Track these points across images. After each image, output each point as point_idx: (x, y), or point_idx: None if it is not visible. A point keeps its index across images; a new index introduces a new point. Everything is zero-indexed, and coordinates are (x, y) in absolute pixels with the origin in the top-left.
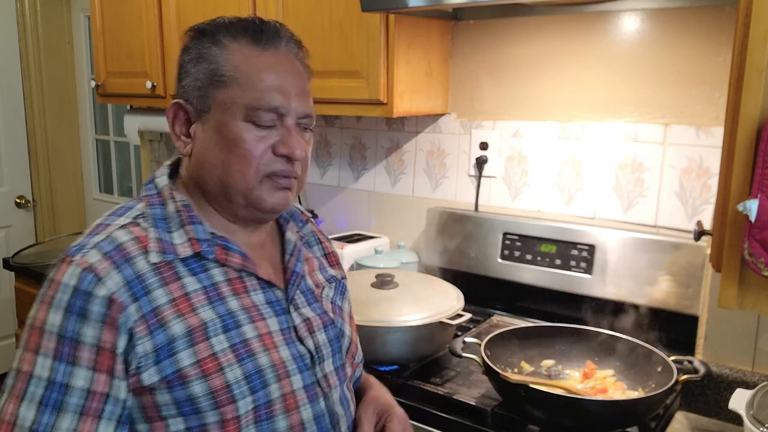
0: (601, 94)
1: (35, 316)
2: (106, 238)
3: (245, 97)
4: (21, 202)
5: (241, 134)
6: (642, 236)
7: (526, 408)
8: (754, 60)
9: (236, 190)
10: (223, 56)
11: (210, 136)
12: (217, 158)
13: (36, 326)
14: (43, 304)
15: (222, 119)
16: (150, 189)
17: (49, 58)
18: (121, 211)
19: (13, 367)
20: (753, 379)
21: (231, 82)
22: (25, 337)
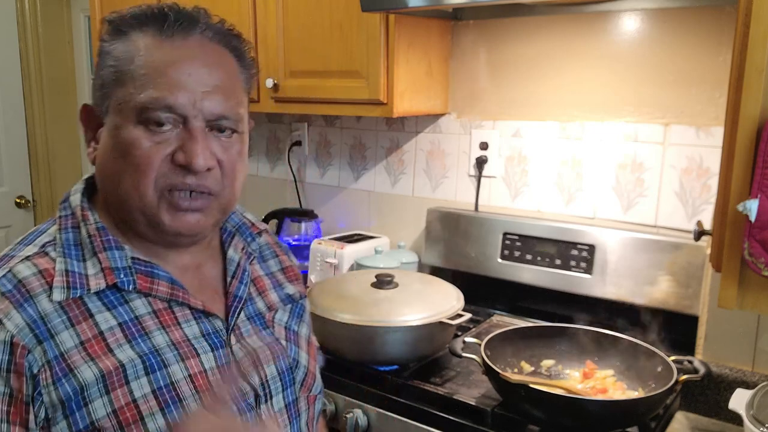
0: (601, 94)
1: None
2: (5, 274)
3: (138, 96)
4: (21, 202)
5: (133, 140)
6: (642, 236)
7: (526, 408)
8: (754, 60)
9: (132, 207)
10: (125, 50)
11: (106, 142)
12: (112, 168)
13: None
14: None
15: (116, 122)
16: (64, 209)
17: (49, 58)
18: (30, 237)
19: None
20: (753, 379)
21: (127, 79)
22: None
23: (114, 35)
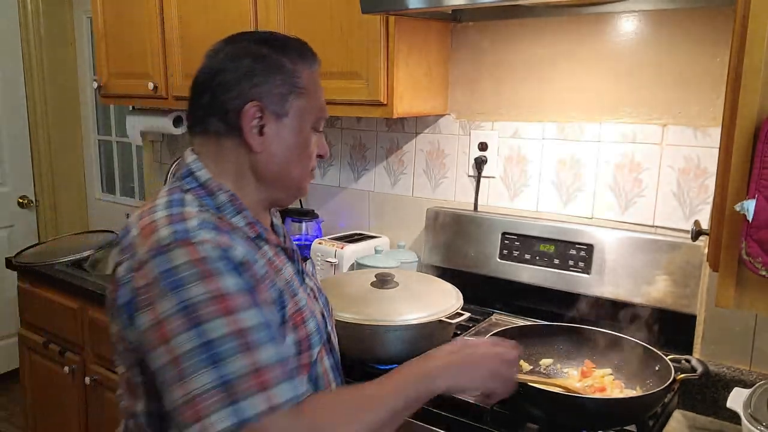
0: (600, 95)
1: (211, 288)
2: (201, 222)
3: (314, 108)
4: (24, 202)
5: (309, 137)
6: (640, 236)
7: (524, 406)
8: (752, 61)
9: (295, 181)
10: (296, 70)
11: (287, 136)
12: (290, 155)
13: (218, 295)
14: (208, 279)
15: (299, 124)
16: (191, 182)
17: (51, 59)
18: (175, 203)
19: (213, 336)
20: (750, 378)
21: (305, 93)
22: (213, 308)
23: (277, 56)
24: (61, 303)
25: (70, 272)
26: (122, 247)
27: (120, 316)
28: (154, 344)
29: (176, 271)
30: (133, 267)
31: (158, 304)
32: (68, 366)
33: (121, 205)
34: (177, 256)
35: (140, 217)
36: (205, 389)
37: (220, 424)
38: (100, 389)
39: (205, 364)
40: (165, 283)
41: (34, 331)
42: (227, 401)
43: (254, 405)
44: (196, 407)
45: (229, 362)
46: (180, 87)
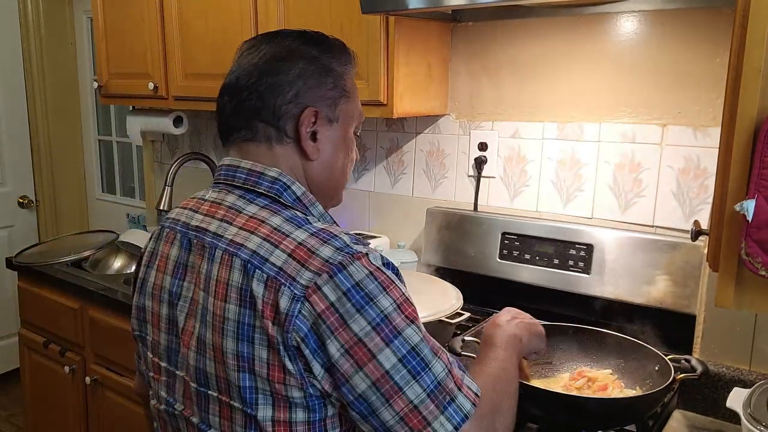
0: (600, 95)
1: (396, 296)
2: (348, 235)
3: (357, 112)
4: (24, 202)
5: (352, 142)
6: (640, 236)
7: (524, 406)
8: (752, 61)
9: (339, 187)
10: (344, 73)
11: (337, 141)
12: (341, 161)
13: (405, 300)
14: (390, 288)
15: (345, 128)
16: (290, 197)
17: (51, 59)
18: (301, 221)
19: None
20: (750, 378)
21: (351, 97)
22: (402, 316)
23: (327, 57)
24: (61, 303)
25: (70, 272)
26: (264, 278)
27: (296, 351)
28: (353, 369)
29: (361, 286)
30: (303, 294)
31: (351, 325)
32: (68, 366)
33: (121, 205)
34: (355, 271)
35: (272, 243)
36: (420, 401)
37: (442, 429)
38: (100, 389)
39: (414, 373)
40: (354, 301)
41: (34, 331)
42: (443, 404)
43: (462, 403)
44: (417, 418)
45: (432, 367)
46: (180, 87)
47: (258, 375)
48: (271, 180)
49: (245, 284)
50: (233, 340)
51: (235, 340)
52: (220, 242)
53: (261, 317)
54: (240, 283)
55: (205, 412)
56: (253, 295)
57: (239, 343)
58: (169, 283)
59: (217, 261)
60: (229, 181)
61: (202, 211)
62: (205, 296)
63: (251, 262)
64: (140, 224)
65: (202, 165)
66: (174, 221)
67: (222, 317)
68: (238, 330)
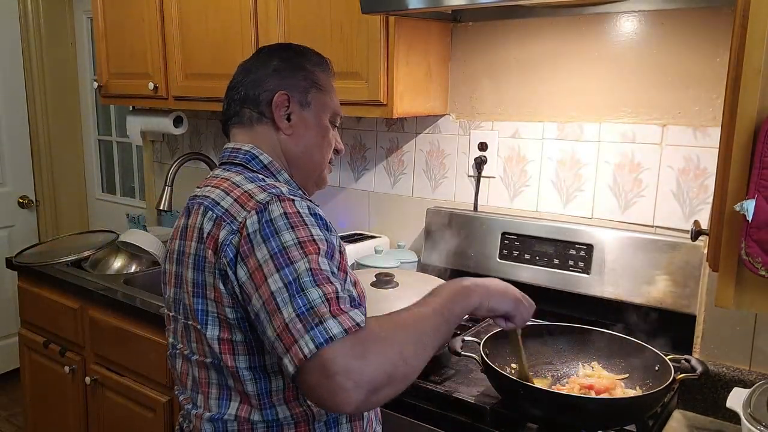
0: (599, 95)
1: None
2: (290, 189)
3: (332, 104)
4: (24, 202)
5: (328, 128)
6: (640, 236)
7: (524, 406)
8: (752, 61)
9: (317, 168)
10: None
11: (309, 123)
12: (313, 140)
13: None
14: (297, 227)
15: (318, 114)
16: (257, 164)
17: (51, 59)
18: (256, 179)
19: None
20: (750, 378)
21: (323, 90)
22: (300, 251)
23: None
24: (61, 303)
25: (70, 272)
26: (214, 218)
27: (225, 275)
28: (252, 290)
29: (272, 222)
30: (237, 228)
31: (256, 252)
32: (68, 366)
33: (121, 205)
34: (274, 209)
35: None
36: (290, 319)
37: (305, 347)
38: (100, 389)
39: (290, 297)
40: (262, 234)
41: (34, 331)
42: (308, 328)
43: (331, 326)
44: (287, 337)
45: (308, 293)
46: (180, 87)
47: (207, 298)
48: (244, 152)
49: (201, 224)
50: (192, 270)
51: (193, 269)
52: (197, 199)
53: (206, 247)
54: (199, 223)
55: (188, 341)
56: (203, 230)
57: (195, 272)
58: (177, 245)
59: (193, 212)
60: (223, 160)
61: (201, 185)
62: (182, 242)
63: (208, 206)
64: (140, 224)
65: (202, 165)
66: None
67: (188, 254)
68: (194, 261)
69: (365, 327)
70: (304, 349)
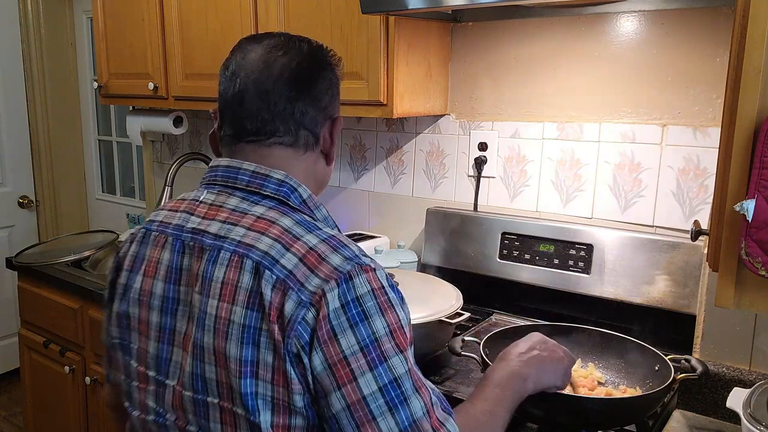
0: (599, 95)
1: (391, 321)
2: (359, 248)
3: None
4: (24, 202)
5: None
6: (640, 236)
7: (524, 406)
8: (752, 61)
9: None
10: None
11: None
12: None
13: (399, 326)
14: (387, 311)
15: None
16: (295, 198)
17: (51, 59)
18: (309, 225)
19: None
20: (750, 378)
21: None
22: (393, 343)
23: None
24: (61, 303)
25: (70, 272)
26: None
27: (296, 357)
28: (332, 386)
29: (361, 302)
30: (310, 301)
31: (340, 339)
32: (68, 366)
33: (121, 205)
34: (359, 284)
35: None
36: None
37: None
38: (100, 389)
39: (391, 405)
40: (350, 315)
41: (34, 331)
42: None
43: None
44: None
45: (411, 403)
46: (180, 87)
47: (261, 379)
48: (277, 182)
49: (255, 286)
50: (237, 344)
51: (239, 343)
52: (225, 243)
53: (268, 320)
54: (249, 284)
55: (204, 420)
56: (262, 297)
57: (243, 347)
58: (162, 288)
59: (222, 263)
60: (230, 183)
61: (198, 214)
62: (204, 300)
63: (262, 263)
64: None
65: (201, 165)
66: (163, 224)
67: (227, 320)
68: (243, 333)
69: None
70: None
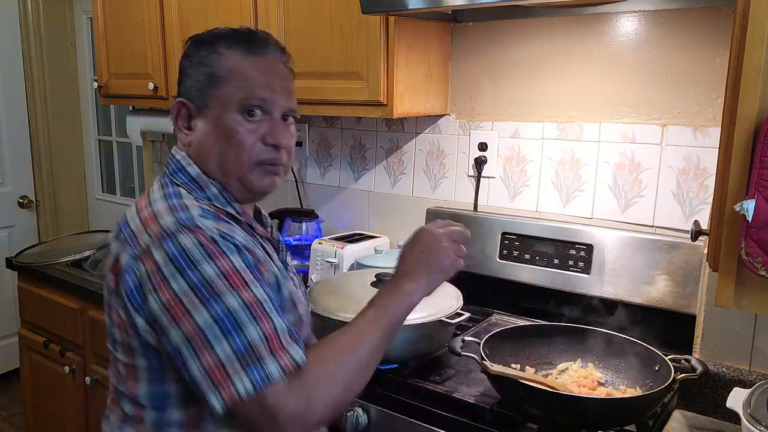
0: (599, 95)
1: (223, 265)
2: (203, 211)
3: (239, 94)
4: (24, 202)
5: (235, 126)
6: (640, 236)
7: (524, 406)
8: (752, 61)
9: (232, 174)
10: (220, 61)
11: (209, 128)
12: (215, 147)
13: (234, 270)
14: (217, 257)
15: (219, 114)
16: (182, 177)
17: (51, 60)
18: (173, 195)
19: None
20: (750, 378)
21: (226, 81)
22: (226, 283)
23: (210, 50)
24: (61, 303)
25: (70, 272)
26: (121, 239)
27: (124, 302)
28: (169, 323)
29: (187, 253)
30: (138, 254)
31: (171, 284)
32: (68, 366)
33: (121, 205)
34: (185, 240)
35: (138, 210)
36: (224, 358)
37: (240, 389)
38: (100, 389)
39: (223, 334)
40: (177, 264)
41: (34, 331)
42: (245, 366)
43: (270, 368)
44: (218, 375)
45: (246, 330)
46: None
47: (114, 321)
48: (175, 162)
49: (115, 249)
50: (107, 293)
51: (107, 292)
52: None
53: (111, 272)
54: (115, 249)
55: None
56: (111, 251)
57: (107, 294)
58: None
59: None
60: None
61: None
62: None
63: (120, 225)
64: None
65: None
66: None
67: (108, 284)
68: (107, 284)
69: (306, 366)
70: (239, 389)
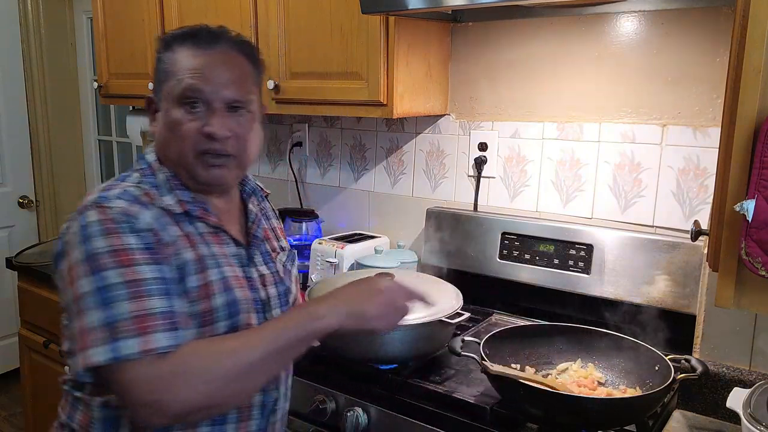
0: (599, 95)
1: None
2: (122, 192)
3: (177, 87)
4: (24, 202)
5: (177, 119)
6: (640, 236)
7: (524, 406)
8: (752, 61)
9: (179, 165)
10: (171, 58)
11: (162, 121)
12: (166, 139)
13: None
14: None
15: (167, 107)
16: (141, 164)
17: (51, 60)
18: (121, 178)
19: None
20: (750, 378)
21: (170, 76)
22: (113, 259)
23: (165, 48)
24: None
25: None
26: None
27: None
28: (65, 286)
29: (88, 227)
30: (66, 225)
31: (71, 253)
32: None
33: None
34: (89, 215)
35: None
36: (92, 326)
37: (96, 357)
38: None
39: (96, 305)
40: (79, 236)
41: (34, 331)
42: (107, 339)
43: (129, 346)
44: (83, 340)
45: (116, 306)
46: None
47: None
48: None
49: None
50: None
51: None
52: None
53: None
54: None
55: None
56: None
57: None
58: None
59: None
60: None
61: None
62: None
63: None
64: None
65: None
66: None
67: None
68: None
69: (173, 356)
70: (95, 358)
